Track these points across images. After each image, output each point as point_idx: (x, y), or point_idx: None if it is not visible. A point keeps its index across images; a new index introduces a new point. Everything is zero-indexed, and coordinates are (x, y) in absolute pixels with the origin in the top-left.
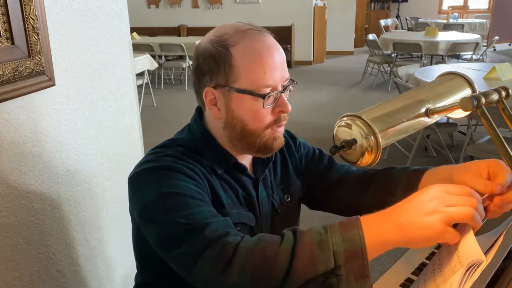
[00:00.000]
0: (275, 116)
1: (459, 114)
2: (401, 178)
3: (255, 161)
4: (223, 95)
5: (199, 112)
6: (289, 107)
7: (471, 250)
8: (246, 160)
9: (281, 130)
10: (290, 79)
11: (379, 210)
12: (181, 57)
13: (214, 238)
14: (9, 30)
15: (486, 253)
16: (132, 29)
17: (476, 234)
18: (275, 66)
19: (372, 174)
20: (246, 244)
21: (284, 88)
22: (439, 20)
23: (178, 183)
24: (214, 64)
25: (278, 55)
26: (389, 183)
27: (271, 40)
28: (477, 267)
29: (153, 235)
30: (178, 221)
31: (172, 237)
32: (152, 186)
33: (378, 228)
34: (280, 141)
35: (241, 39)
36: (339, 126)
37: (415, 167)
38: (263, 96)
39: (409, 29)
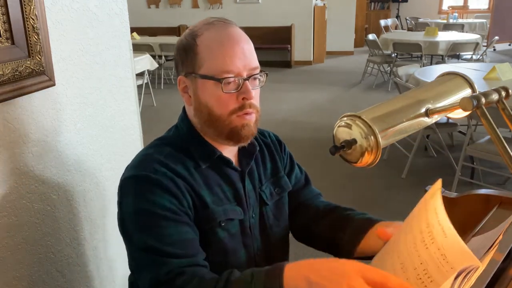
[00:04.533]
0: (239, 103)
1: (459, 114)
2: (355, 221)
3: (240, 154)
4: (191, 82)
5: (185, 110)
6: (252, 94)
7: (464, 255)
8: (230, 153)
9: (249, 118)
10: (261, 70)
11: (331, 242)
12: None
13: (166, 280)
14: (9, 30)
15: (486, 253)
16: (132, 29)
17: (475, 235)
18: (236, 54)
19: (333, 208)
20: None
21: (249, 76)
22: (439, 20)
23: (154, 199)
24: (184, 54)
25: (241, 44)
26: (344, 222)
27: (235, 30)
28: (474, 273)
29: (126, 248)
30: (146, 244)
31: (137, 262)
32: (131, 198)
33: (294, 280)
34: (249, 129)
35: (207, 29)
36: (339, 126)
37: (370, 217)
38: (221, 80)
39: (409, 29)
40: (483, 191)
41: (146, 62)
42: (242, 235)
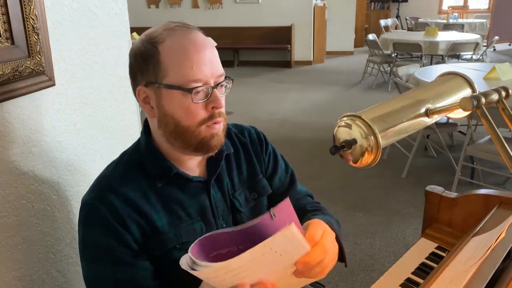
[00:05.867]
0: (208, 113)
1: (459, 114)
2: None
3: (207, 162)
4: (154, 93)
5: (147, 123)
6: (222, 103)
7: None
8: (195, 162)
9: (218, 127)
10: (227, 77)
11: None
12: None
13: None
14: (9, 30)
15: (486, 252)
16: (132, 29)
17: (475, 235)
18: (203, 61)
19: (303, 210)
20: None
21: (217, 84)
22: (439, 20)
23: (96, 234)
24: (143, 62)
25: (207, 50)
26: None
27: (199, 36)
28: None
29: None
30: (88, 274)
31: (86, 285)
32: (80, 227)
33: None
34: (218, 139)
35: (169, 36)
36: (339, 126)
37: (325, 217)
38: (191, 91)
39: (409, 29)
40: (483, 191)
41: None
42: None
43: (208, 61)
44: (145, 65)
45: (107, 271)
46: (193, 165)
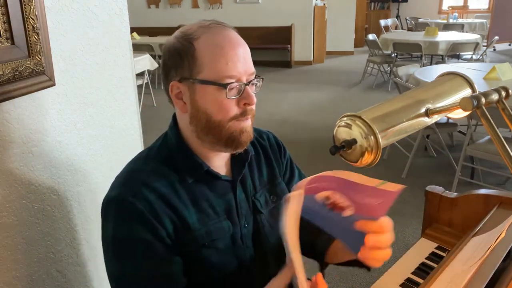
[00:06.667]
0: (240, 109)
1: (459, 114)
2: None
3: (232, 161)
4: (188, 88)
5: (175, 118)
6: (254, 99)
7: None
8: (222, 161)
9: (247, 123)
10: (257, 75)
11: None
12: None
13: None
14: (9, 30)
15: (486, 252)
16: (132, 29)
17: (475, 235)
18: (238, 58)
19: None
20: None
21: (249, 82)
22: (439, 20)
23: (131, 229)
24: (179, 58)
25: (241, 48)
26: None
27: (233, 34)
28: None
29: (106, 268)
30: (120, 273)
31: (113, 283)
32: (111, 224)
33: None
34: (247, 135)
35: (204, 33)
36: (339, 126)
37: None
38: (225, 86)
39: (409, 29)
40: (483, 191)
41: (146, 62)
42: (234, 246)
43: (242, 58)
44: (181, 61)
45: (142, 267)
46: (220, 164)
